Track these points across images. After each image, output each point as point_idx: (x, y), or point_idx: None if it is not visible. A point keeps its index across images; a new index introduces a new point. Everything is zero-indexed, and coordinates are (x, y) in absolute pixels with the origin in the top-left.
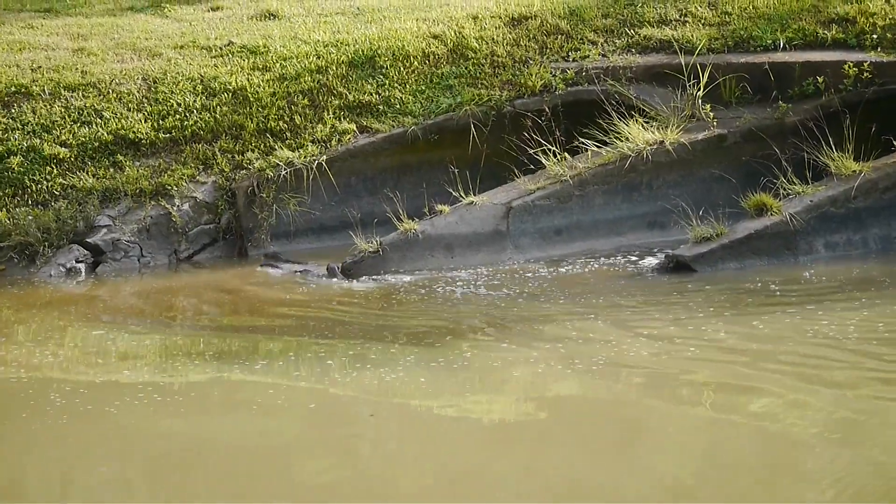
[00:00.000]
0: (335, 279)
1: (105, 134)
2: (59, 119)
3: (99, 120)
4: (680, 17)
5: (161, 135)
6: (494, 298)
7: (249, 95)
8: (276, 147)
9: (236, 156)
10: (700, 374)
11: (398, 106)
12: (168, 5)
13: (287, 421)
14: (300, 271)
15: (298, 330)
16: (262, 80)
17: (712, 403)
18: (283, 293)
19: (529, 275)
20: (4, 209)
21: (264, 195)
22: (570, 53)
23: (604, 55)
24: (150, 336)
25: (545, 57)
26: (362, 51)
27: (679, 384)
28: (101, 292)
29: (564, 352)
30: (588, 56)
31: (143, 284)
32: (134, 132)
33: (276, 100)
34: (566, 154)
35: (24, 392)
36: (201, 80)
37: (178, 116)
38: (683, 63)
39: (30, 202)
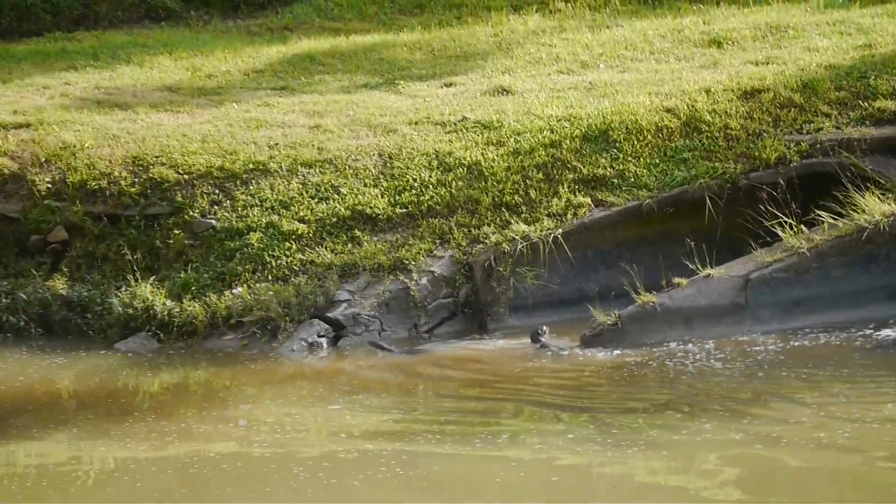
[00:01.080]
0: (574, 351)
1: (342, 209)
2: (296, 195)
3: (336, 195)
4: None
5: (398, 210)
6: (734, 372)
7: (484, 170)
8: (512, 221)
9: (472, 230)
10: None
11: (632, 179)
12: (402, 82)
13: (528, 495)
14: (539, 345)
15: (538, 402)
16: (497, 155)
17: None
18: (522, 365)
19: (770, 347)
20: (245, 285)
21: (501, 269)
22: (803, 126)
23: (838, 127)
24: (392, 410)
25: (779, 130)
26: (595, 125)
27: None
28: (342, 366)
29: (809, 425)
30: (822, 128)
31: (384, 358)
32: (371, 207)
33: (511, 174)
34: (802, 226)
35: (267, 466)
36: (436, 156)
37: (414, 191)
38: None
39: (270, 278)
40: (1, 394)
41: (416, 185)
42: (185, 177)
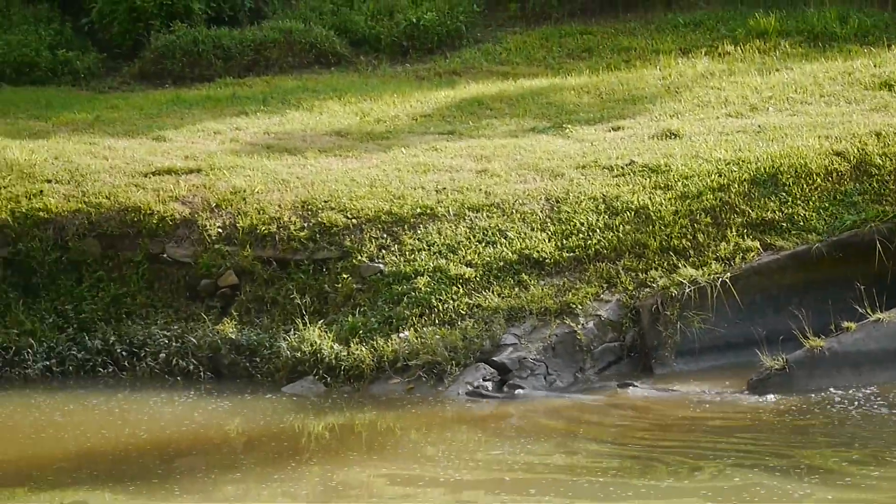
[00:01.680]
0: (739, 396)
1: (509, 253)
2: (464, 239)
3: (503, 240)
4: None
5: (565, 254)
6: None
7: (652, 214)
8: (680, 265)
9: (640, 274)
10: None
11: (801, 223)
12: (570, 126)
13: None
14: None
15: (702, 447)
16: (664, 199)
17: None
18: (688, 410)
19: None
20: (412, 329)
21: (668, 313)
22: None
23: None
24: (555, 455)
25: None
26: (764, 168)
27: None
28: (507, 410)
29: None
30: None
31: (550, 402)
32: (538, 251)
33: (679, 218)
34: None
35: None
36: (604, 200)
37: (581, 235)
38: None
39: (437, 321)
40: (168, 437)
41: (583, 228)
42: (354, 221)
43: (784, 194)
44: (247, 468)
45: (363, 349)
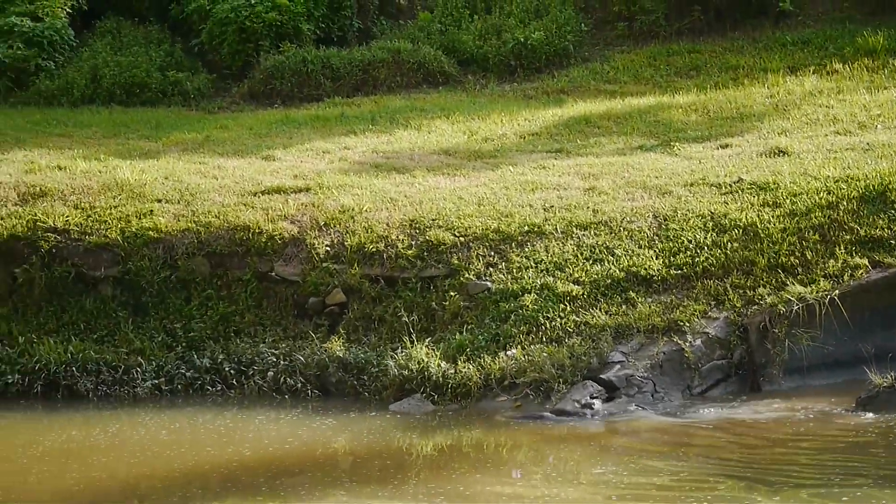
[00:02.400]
0: (846, 414)
1: (617, 271)
2: (571, 257)
3: (611, 257)
4: None
5: (672, 271)
6: None
7: (760, 231)
8: (788, 282)
9: (747, 291)
10: None
11: None
12: (678, 144)
13: None
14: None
15: (807, 465)
16: (773, 216)
17: None
18: (795, 428)
19: None
20: (520, 346)
21: (776, 331)
22: None
23: None
24: (661, 473)
25: None
26: (873, 185)
27: None
28: (615, 428)
29: None
30: None
31: (657, 420)
32: (646, 269)
33: (787, 235)
34: None
35: None
36: (711, 217)
37: (689, 253)
38: None
39: (544, 339)
40: (275, 454)
41: (690, 246)
42: (461, 239)
43: (893, 211)
44: (351, 485)
45: (471, 367)
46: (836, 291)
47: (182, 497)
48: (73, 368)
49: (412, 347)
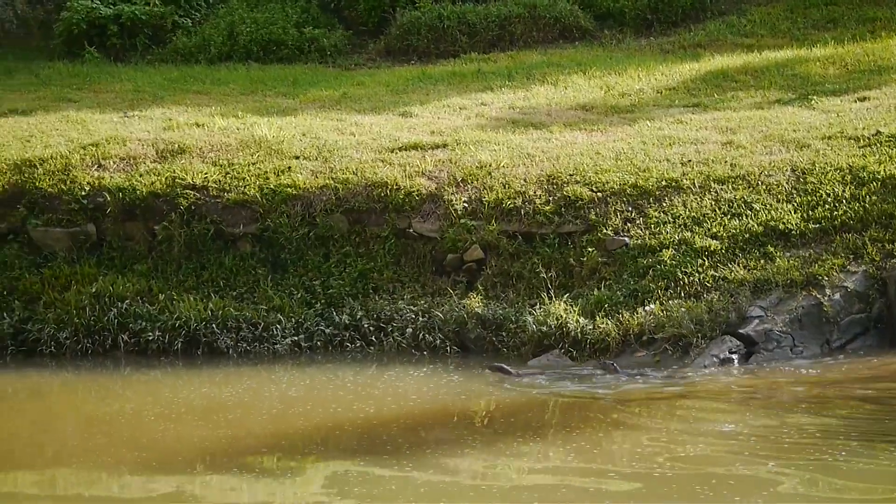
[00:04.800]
0: None
1: (755, 225)
2: (709, 212)
3: (749, 212)
4: None
5: (810, 225)
6: None
7: None
8: None
9: (886, 245)
10: None
11: None
12: (815, 97)
13: None
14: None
15: None
16: None
17: None
18: None
19: None
20: (658, 302)
21: None
22: None
23: None
24: (802, 428)
25: None
26: None
27: None
28: (754, 382)
29: None
30: None
31: (797, 375)
32: (784, 223)
33: None
34: None
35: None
36: (850, 170)
37: (827, 207)
38: None
39: (682, 294)
40: (415, 410)
41: (829, 199)
42: (599, 195)
43: None
44: (492, 441)
45: (609, 322)
46: None
47: (323, 452)
48: (213, 325)
49: (550, 303)
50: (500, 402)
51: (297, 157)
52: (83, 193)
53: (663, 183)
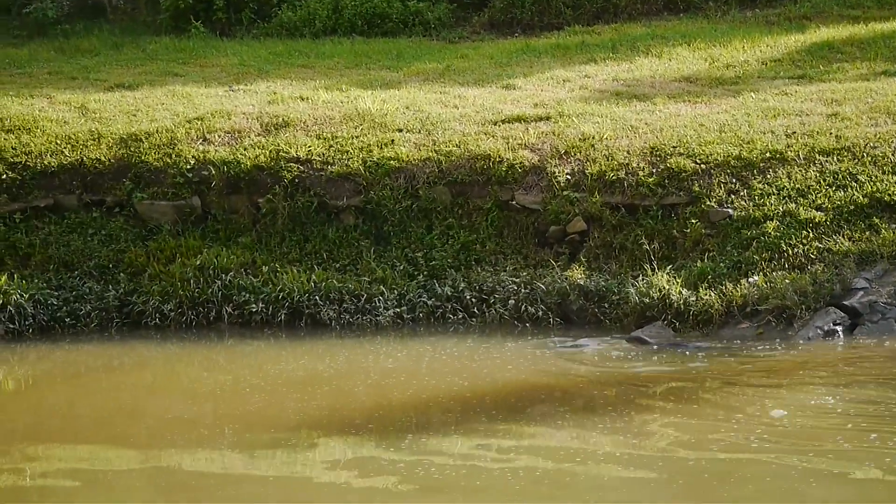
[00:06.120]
0: None
1: (860, 197)
2: (813, 183)
3: (854, 183)
4: None
5: None
6: None
7: None
8: None
9: None
10: None
11: None
12: None
13: None
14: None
15: None
16: None
17: None
18: None
19: None
20: (761, 273)
21: None
22: None
23: None
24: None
25: None
26: None
27: None
28: (860, 354)
29: None
30: None
31: None
32: (889, 195)
33: None
34: None
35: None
36: None
37: None
38: None
39: (786, 266)
40: (517, 381)
41: None
42: (702, 166)
43: None
44: (590, 413)
45: (712, 294)
46: None
47: (422, 423)
48: (316, 297)
49: (653, 275)
50: (608, 372)
51: (401, 130)
52: (188, 167)
53: (767, 155)
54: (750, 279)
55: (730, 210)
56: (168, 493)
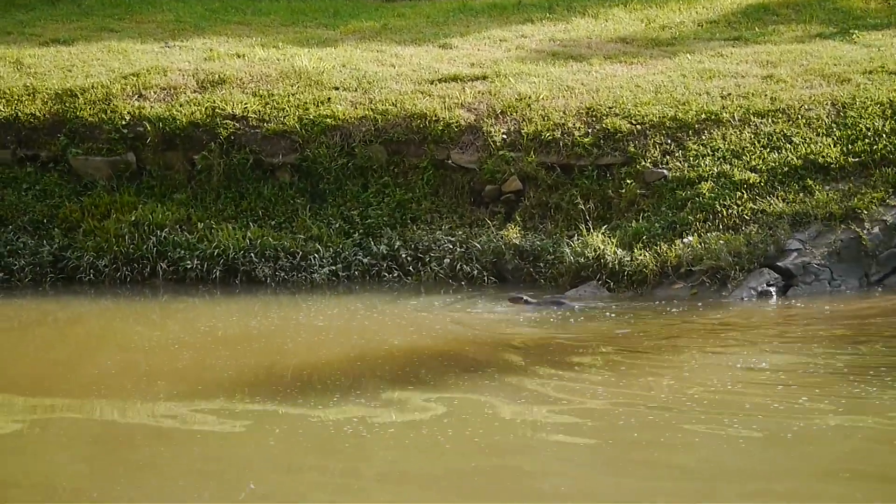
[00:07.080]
0: None
1: (794, 159)
2: (748, 145)
3: (788, 145)
4: None
5: (850, 159)
6: None
7: None
8: None
9: None
10: None
11: None
12: (856, 31)
13: None
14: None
15: None
16: None
17: None
18: None
19: None
20: (696, 234)
21: None
22: None
23: None
24: (838, 356)
25: None
26: None
27: None
28: (792, 314)
29: None
30: None
31: (832, 308)
32: (823, 157)
33: None
34: None
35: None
36: (890, 105)
37: (867, 140)
38: None
39: (720, 227)
40: (452, 338)
41: (869, 133)
42: (638, 127)
43: None
44: (532, 366)
45: (647, 254)
46: None
47: (352, 380)
48: (252, 254)
49: (588, 235)
50: (544, 331)
51: (337, 88)
52: (123, 123)
53: (703, 116)
54: (684, 240)
55: (665, 171)
56: (100, 443)
